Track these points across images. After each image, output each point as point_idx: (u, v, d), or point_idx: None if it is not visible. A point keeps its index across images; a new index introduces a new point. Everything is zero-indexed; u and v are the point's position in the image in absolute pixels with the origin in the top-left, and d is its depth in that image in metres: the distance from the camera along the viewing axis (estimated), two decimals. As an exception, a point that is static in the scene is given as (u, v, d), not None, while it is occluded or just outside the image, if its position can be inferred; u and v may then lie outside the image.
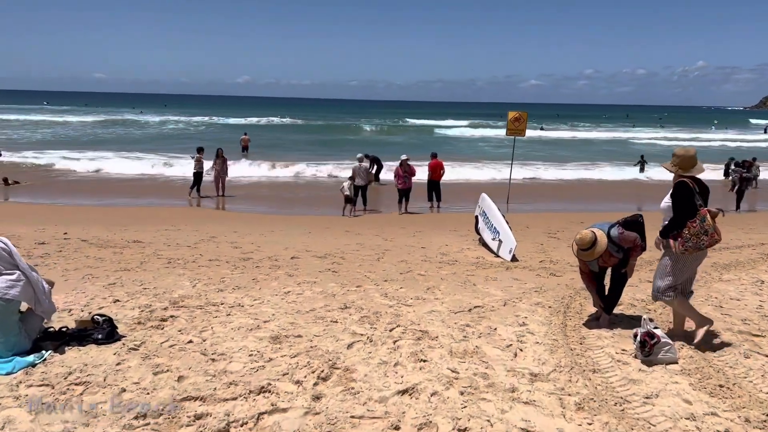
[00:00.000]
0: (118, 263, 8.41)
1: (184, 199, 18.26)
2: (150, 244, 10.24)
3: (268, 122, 70.17)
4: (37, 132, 46.08)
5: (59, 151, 30.92)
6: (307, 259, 9.21)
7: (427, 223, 14.56)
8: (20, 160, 26.90)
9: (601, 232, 5.69)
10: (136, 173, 24.15)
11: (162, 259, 8.89)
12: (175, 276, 7.65)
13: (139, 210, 16.14)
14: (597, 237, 5.63)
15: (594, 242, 5.60)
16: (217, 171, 18.85)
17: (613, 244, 5.66)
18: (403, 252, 10.21)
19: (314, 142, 41.46)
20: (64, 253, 9.09)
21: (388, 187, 21.95)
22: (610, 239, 5.64)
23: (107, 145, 35.53)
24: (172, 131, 51.84)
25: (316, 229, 13.18)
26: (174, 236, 11.47)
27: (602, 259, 5.76)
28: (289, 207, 17.75)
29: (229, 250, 9.95)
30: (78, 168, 24.80)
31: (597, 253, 5.61)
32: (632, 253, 5.72)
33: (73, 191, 19.47)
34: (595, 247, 5.60)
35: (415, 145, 41.48)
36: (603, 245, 5.59)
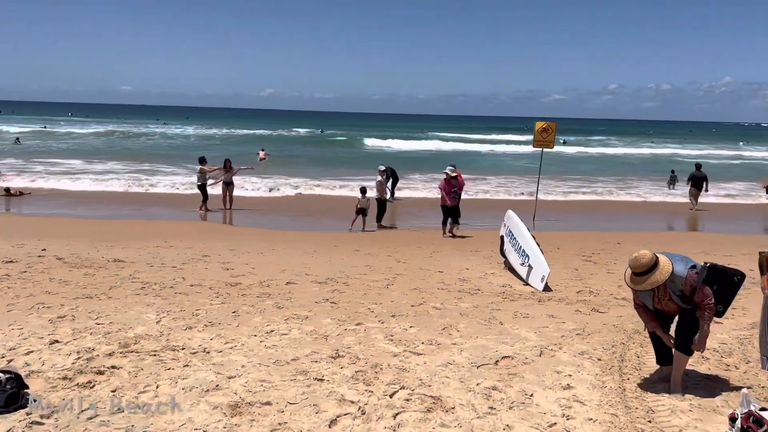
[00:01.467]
0: (83, 288, 7.21)
1: (192, 211, 17.10)
2: (131, 264, 9.05)
3: (288, 134, 69.49)
4: (62, 141, 45.75)
5: (73, 161, 30.27)
6: (304, 285, 7.92)
7: (445, 243, 13.20)
8: (41, 168, 26.19)
9: (666, 260, 4.32)
10: (145, 183, 23.20)
11: (137, 282, 7.67)
12: (143, 306, 6.41)
13: (139, 223, 15.02)
14: (658, 262, 4.27)
15: (652, 267, 4.25)
16: (223, 183, 17.73)
17: (674, 283, 4.29)
18: (417, 277, 8.88)
19: (332, 155, 40.38)
20: (28, 274, 7.93)
21: (404, 202, 20.66)
22: (674, 275, 4.26)
23: (123, 154, 34.81)
24: (188, 142, 51.26)
25: (322, 248, 11.90)
26: (162, 254, 10.28)
27: (657, 297, 4.40)
28: (299, 222, 16.54)
29: (218, 272, 8.71)
30: (87, 178, 23.94)
31: (651, 284, 4.25)
32: (699, 311, 4.31)
33: (79, 202, 18.50)
34: (652, 274, 4.24)
35: (436, 158, 40.21)
36: (662, 276, 4.22)
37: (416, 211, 18.89)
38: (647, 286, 4.28)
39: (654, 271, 4.25)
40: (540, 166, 18.06)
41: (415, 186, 24.30)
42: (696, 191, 20.67)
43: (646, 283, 4.27)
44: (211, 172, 17.49)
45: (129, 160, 31.89)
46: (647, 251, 4.35)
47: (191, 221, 15.91)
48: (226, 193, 17.73)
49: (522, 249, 9.12)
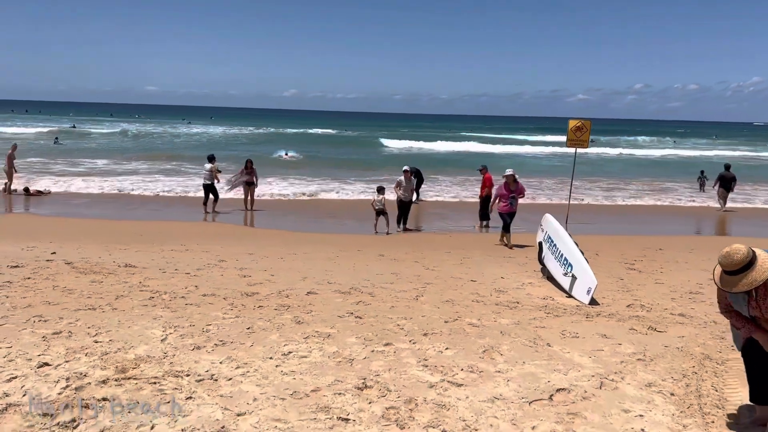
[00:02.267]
0: (87, 298, 6.62)
1: (216, 213, 16.50)
2: (142, 270, 8.48)
3: (311, 133, 69.14)
4: (91, 141, 45.87)
5: (101, 160, 30.13)
6: (327, 296, 7.25)
7: (476, 247, 12.45)
8: (70, 168, 26.04)
9: (765, 255, 3.58)
10: (169, 183, 22.79)
11: (145, 291, 7.08)
12: (148, 320, 5.80)
13: (158, 225, 14.52)
14: (756, 258, 3.54)
15: (749, 264, 3.52)
16: (245, 183, 17.18)
17: None
18: (449, 287, 8.16)
19: (354, 155, 39.78)
20: (31, 281, 7.38)
21: (429, 203, 19.92)
22: None
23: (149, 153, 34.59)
24: (213, 141, 51.07)
25: (345, 252, 11.24)
26: (177, 259, 9.71)
27: (756, 301, 3.65)
28: (321, 224, 15.91)
29: (234, 279, 8.09)
30: (111, 178, 23.63)
31: (748, 284, 3.52)
32: None
33: (99, 202, 18.13)
34: (749, 272, 3.51)
35: (461, 159, 39.44)
36: (763, 274, 3.48)
37: (442, 212, 18.17)
38: (744, 287, 3.54)
39: (752, 268, 3.52)
40: (573, 166, 17.21)
41: (440, 187, 23.58)
42: (724, 192, 19.98)
43: (743, 283, 3.53)
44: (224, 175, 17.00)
45: (154, 160, 31.64)
46: (741, 245, 3.60)
47: (211, 223, 15.41)
48: (248, 193, 17.20)
49: (563, 257, 8.35)
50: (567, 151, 48.25)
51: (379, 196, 14.51)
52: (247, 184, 17.19)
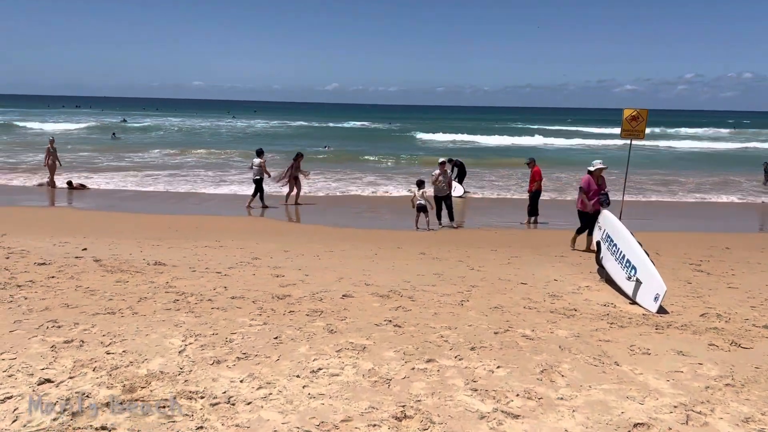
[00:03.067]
0: (109, 300, 6.20)
1: (255, 207, 16.14)
2: (171, 269, 8.06)
3: (353, 126, 68.81)
4: (144, 136, 46.57)
5: (150, 153, 30.37)
6: (363, 299, 6.66)
7: (525, 245, 11.67)
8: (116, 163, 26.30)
9: None
10: (213, 177, 22.63)
11: (171, 293, 6.62)
12: (169, 327, 5.32)
13: (196, 219, 14.19)
14: None
15: None
16: (292, 177, 16.65)
17: None
18: (496, 290, 7.46)
19: (396, 148, 39.13)
20: (55, 280, 7.03)
21: (474, 198, 19.14)
22: None
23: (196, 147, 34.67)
24: (259, 135, 51.20)
25: (384, 250, 10.64)
26: (209, 256, 9.29)
27: None
28: (360, 219, 15.36)
29: (266, 279, 7.58)
30: (156, 172, 23.66)
31: None
32: None
33: (144, 196, 18.03)
34: None
35: (505, 152, 38.46)
36: None
37: (486, 207, 17.39)
38: None
39: None
40: (628, 158, 16.18)
41: (484, 181, 22.73)
42: None
43: None
44: (271, 171, 16.56)
45: (202, 153, 31.64)
46: None
47: (250, 218, 14.99)
48: (294, 188, 16.70)
49: (625, 258, 7.54)
50: (616, 143, 46.58)
51: (420, 191, 13.86)
52: (294, 178, 16.72)
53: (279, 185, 17.23)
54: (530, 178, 15.17)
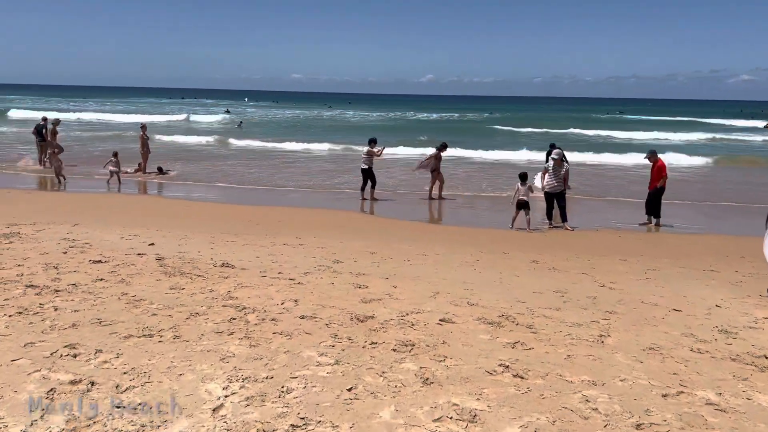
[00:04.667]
0: (152, 315, 5.02)
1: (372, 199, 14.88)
2: (239, 273, 6.87)
3: (448, 117, 66.92)
4: (256, 126, 47.37)
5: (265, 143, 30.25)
6: (467, 327, 5.10)
7: (657, 253, 9.65)
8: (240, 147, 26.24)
9: None
10: (313, 166, 21.77)
11: (229, 308, 5.37)
12: (212, 363, 4.02)
13: (282, 211, 13.11)
14: None
15: None
16: (433, 170, 15.16)
17: None
18: (643, 319, 5.66)
19: (496, 140, 36.97)
20: (102, 284, 5.98)
21: (577, 196, 16.96)
22: None
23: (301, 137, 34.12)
24: (363, 125, 50.59)
25: (488, 254, 9.02)
26: (285, 257, 8.06)
27: None
28: (458, 215, 13.75)
29: (346, 291, 6.19)
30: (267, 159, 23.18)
31: None
32: None
33: (238, 186, 17.34)
34: None
35: (614, 145, 35.42)
36: None
37: (597, 205, 15.21)
38: None
39: None
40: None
41: (580, 177, 20.36)
42: None
43: None
44: (379, 156, 15.23)
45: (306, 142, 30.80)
46: None
47: (338, 211, 13.58)
48: (436, 180, 15.14)
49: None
50: (742, 138, 41.88)
51: (522, 185, 12.07)
52: (433, 171, 15.22)
53: (417, 174, 16.11)
54: (653, 173, 12.96)
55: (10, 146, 25.47)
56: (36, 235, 8.66)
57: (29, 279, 5.94)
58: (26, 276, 6.06)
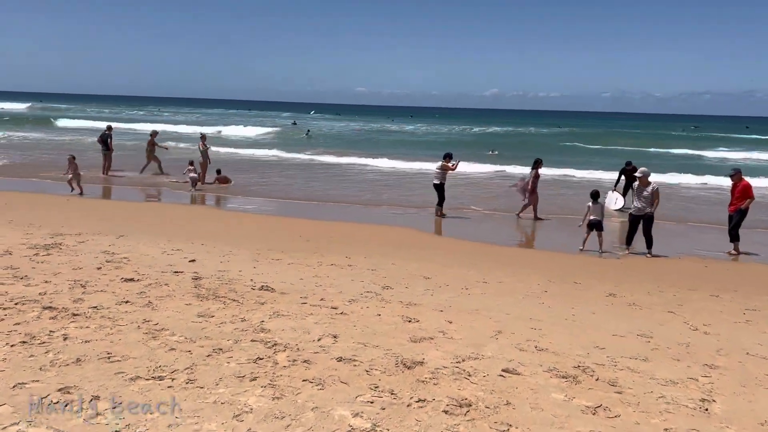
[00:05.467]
0: (169, 350, 4.39)
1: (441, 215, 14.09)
2: (278, 298, 6.22)
3: (515, 131, 65.37)
4: (322, 137, 47.64)
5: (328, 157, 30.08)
6: (536, 381, 4.22)
7: (756, 288, 8.43)
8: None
9: None
10: (376, 180, 21.21)
11: (258, 342, 4.70)
12: (225, 421, 3.33)
13: (335, 227, 12.38)
14: None
15: None
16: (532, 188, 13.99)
17: None
18: (753, 378, 4.63)
19: (563, 156, 35.45)
20: (125, 308, 5.44)
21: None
22: None
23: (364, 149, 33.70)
24: (416, 138, 49.92)
25: (556, 284, 8.05)
26: (331, 279, 7.38)
27: None
28: (524, 233, 12.77)
29: (394, 325, 5.42)
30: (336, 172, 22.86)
31: None
32: None
33: (301, 197, 16.91)
34: None
35: (690, 164, 33.29)
36: None
37: (683, 230, 13.84)
38: None
39: None
40: None
41: (667, 196, 18.83)
42: None
43: None
44: (453, 170, 14.40)
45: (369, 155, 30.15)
46: None
47: (399, 227, 12.70)
48: (533, 199, 14.09)
49: None
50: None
51: (594, 204, 11.01)
52: (531, 191, 14.08)
53: (523, 199, 14.32)
54: (735, 194, 11.61)
55: (83, 153, 26.02)
56: (76, 247, 8.33)
57: (50, 299, 5.47)
58: (48, 295, 5.60)
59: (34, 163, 21.64)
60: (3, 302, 5.24)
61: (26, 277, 6.23)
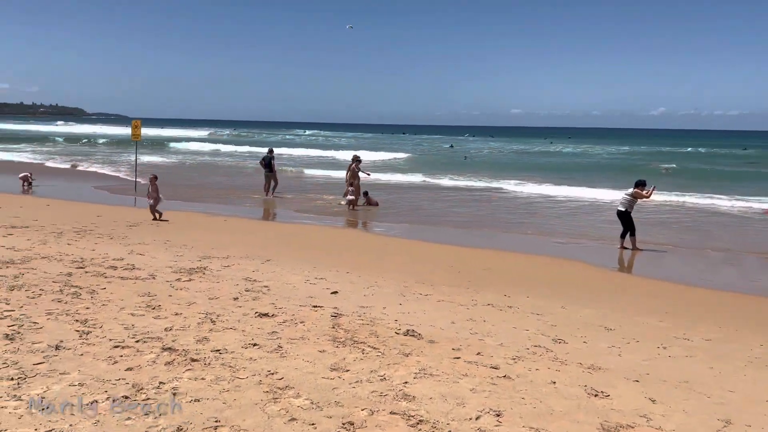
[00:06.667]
0: (288, 420, 3.51)
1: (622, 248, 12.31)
2: (425, 348, 5.18)
3: (691, 152, 59.20)
4: (488, 159, 47.03)
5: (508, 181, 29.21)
6: None
7: None
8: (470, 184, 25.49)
9: None
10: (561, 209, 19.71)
11: (397, 418, 3.67)
12: None
13: (494, 257, 11.04)
14: None
15: None
16: None
17: None
18: None
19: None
20: (253, 352, 4.71)
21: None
22: None
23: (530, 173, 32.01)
24: (582, 160, 46.82)
25: (740, 347, 6.10)
26: (489, 324, 6.21)
27: None
28: (739, 279, 10.55)
29: (573, 402, 4.10)
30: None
31: None
32: None
33: (459, 219, 15.99)
34: None
35: None
36: None
37: None
38: None
39: None
40: None
41: None
42: None
43: None
44: (647, 198, 12.60)
45: (544, 180, 28.31)
46: None
47: (566, 260, 10.81)
48: None
49: None
50: None
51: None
52: None
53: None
54: None
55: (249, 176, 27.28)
56: (220, 272, 7.97)
57: (174, 337, 4.90)
58: (173, 332, 5.05)
59: (210, 185, 22.85)
60: (124, 339, 4.75)
61: (158, 308, 5.81)
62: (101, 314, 5.45)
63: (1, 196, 16.12)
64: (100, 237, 10.39)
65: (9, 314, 5.18)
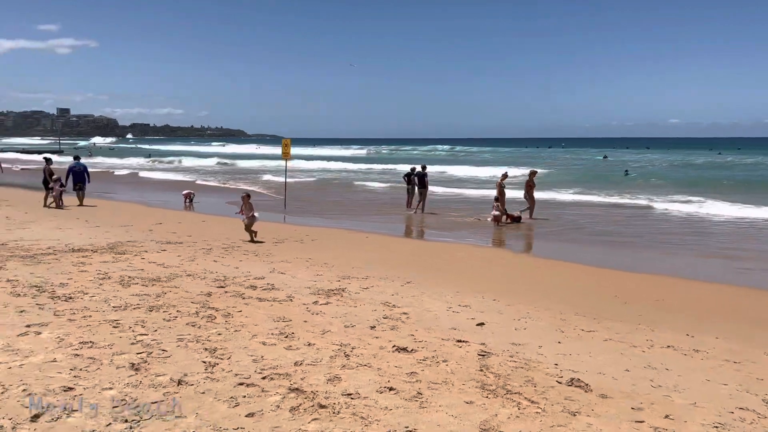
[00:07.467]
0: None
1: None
2: (595, 404, 4.24)
3: None
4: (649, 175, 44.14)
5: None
6: None
7: None
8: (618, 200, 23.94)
9: None
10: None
11: None
12: None
13: (672, 285, 9.54)
14: None
15: None
16: None
17: None
18: None
19: None
20: (389, 400, 4.07)
21: None
22: None
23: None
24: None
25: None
26: (673, 372, 5.09)
27: None
28: None
29: None
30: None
31: None
32: None
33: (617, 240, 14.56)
34: None
35: None
36: None
37: None
38: None
39: None
40: None
41: None
42: None
43: None
44: None
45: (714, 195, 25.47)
46: None
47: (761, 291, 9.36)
48: None
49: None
50: None
51: None
52: None
53: None
54: None
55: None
56: (358, 294, 7.51)
57: (304, 374, 4.40)
58: (304, 367, 4.55)
59: (352, 201, 23.09)
60: (251, 375, 4.33)
61: (291, 336, 5.39)
62: (232, 342, 5.14)
63: (165, 211, 17.26)
64: (246, 254, 10.47)
65: (141, 339, 5.03)
